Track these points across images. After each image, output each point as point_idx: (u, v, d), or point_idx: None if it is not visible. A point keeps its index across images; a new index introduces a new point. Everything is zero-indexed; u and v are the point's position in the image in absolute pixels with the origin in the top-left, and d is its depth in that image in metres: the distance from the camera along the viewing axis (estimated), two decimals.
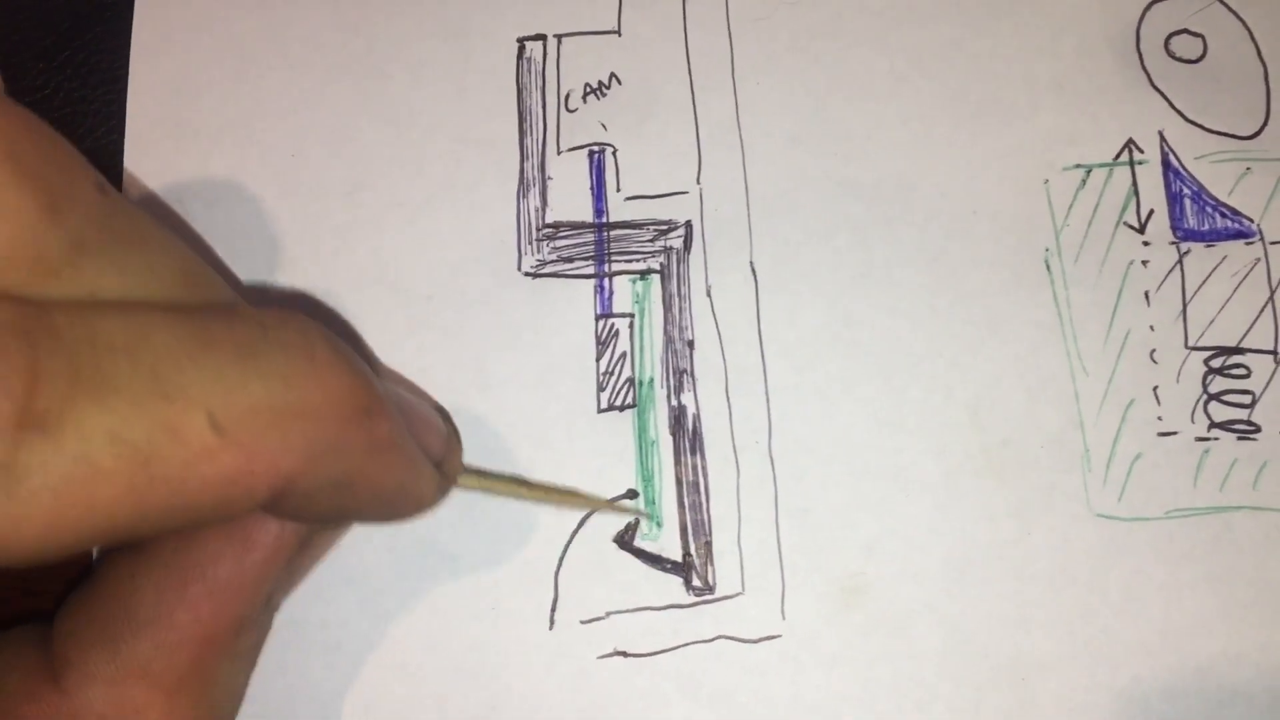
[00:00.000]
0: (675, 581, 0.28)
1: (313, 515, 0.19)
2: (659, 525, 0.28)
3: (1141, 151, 0.30)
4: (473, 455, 0.28)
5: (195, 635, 0.20)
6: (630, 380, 0.29)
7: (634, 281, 0.29)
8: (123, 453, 0.15)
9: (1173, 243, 0.29)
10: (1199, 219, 0.29)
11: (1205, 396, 0.28)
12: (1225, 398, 0.28)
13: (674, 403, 0.28)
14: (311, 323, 0.18)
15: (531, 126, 0.30)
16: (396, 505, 0.21)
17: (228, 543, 0.21)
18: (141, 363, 0.15)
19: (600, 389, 0.29)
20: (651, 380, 0.29)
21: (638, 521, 0.28)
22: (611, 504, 0.28)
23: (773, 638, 0.27)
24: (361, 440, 0.18)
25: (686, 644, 0.27)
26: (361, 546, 0.28)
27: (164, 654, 0.20)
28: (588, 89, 0.30)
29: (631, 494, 0.28)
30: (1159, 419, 0.28)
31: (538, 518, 0.28)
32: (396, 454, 0.20)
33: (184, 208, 0.30)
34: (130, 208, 0.18)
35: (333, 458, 0.18)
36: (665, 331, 0.29)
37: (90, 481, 0.15)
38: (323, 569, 0.27)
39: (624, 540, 0.28)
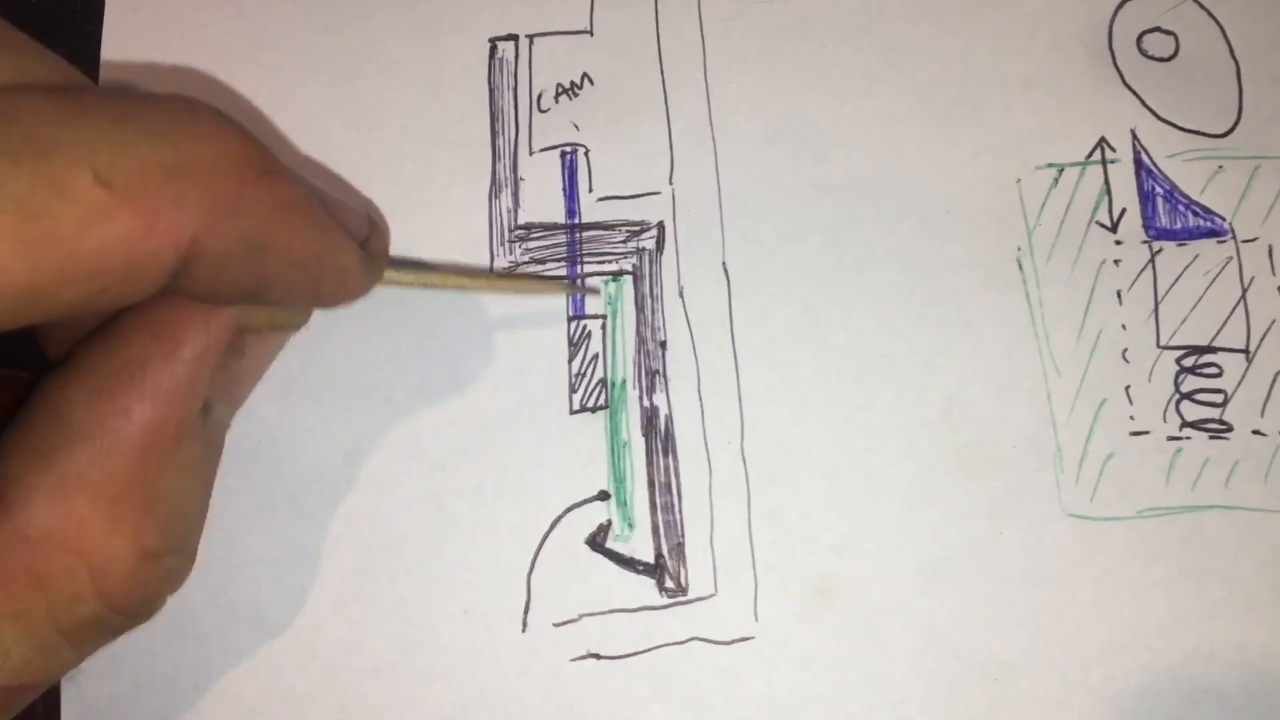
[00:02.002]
0: (648, 583, 0.28)
1: (230, 288, 0.19)
2: (631, 525, 0.28)
3: (1114, 150, 0.30)
4: (447, 456, 0.28)
5: (132, 442, 0.20)
6: (602, 381, 0.29)
7: (607, 283, 0.29)
8: (6, 205, 0.15)
9: (1145, 241, 0.29)
10: (1171, 218, 0.29)
11: (1177, 395, 0.28)
12: (1197, 397, 0.28)
13: (646, 404, 0.28)
14: (196, 98, 0.18)
15: (504, 127, 0.30)
16: (319, 278, 0.21)
17: (154, 342, 0.20)
18: (14, 126, 0.16)
19: (572, 390, 0.28)
20: (624, 381, 0.29)
21: (610, 523, 0.28)
22: (561, 284, 0.28)
23: (745, 639, 0.27)
24: (262, 198, 0.18)
25: (659, 646, 0.27)
26: (333, 548, 0.28)
27: (102, 462, 0.20)
28: (560, 89, 0.30)
29: (603, 495, 0.28)
30: (1131, 418, 0.28)
31: (510, 520, 0.28)
32: (305, 216, 0.20)
33: None
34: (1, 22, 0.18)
35: (235, 216, 0.18)
36: (638, 332, 0.29)
37: None
38: (296, 571, 0.27)
39: (596, 542, 0.28)
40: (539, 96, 0.30)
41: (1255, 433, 0.28)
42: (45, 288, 0.16)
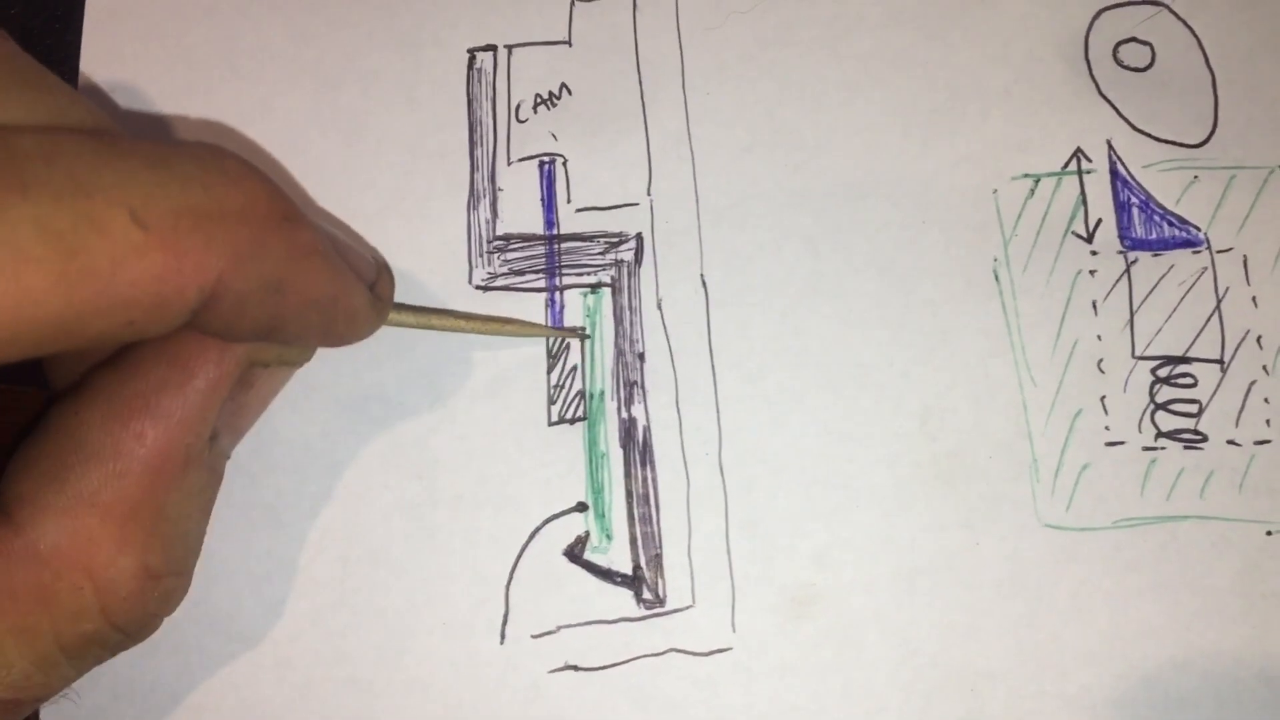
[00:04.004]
0: (626, 595, 0.28)
1: (248, 326, 0.20)
2: (609, 537, 0.28)
3: (1089, 160, 0.30)
4: (426, 468, 0.28)
5: (143, 465, 0.21)
6: (581, 393, 0.29)
7: (585, 295, 0.29)
8: (49, 240, 0.16)
9: (1120, 252, 0.29)
10: (1146, 228, 0.29)
11: (1152, 406, 0.28)
12: (1172, 407, 0.28)
13: (624, 415, 0.28)
14: (223, 147, 0.19)
15: (482, 137, 0.30)
16: (331, 319, 0.22)
17: (169, 371, 0.21)
18: (57, 166, 0.16)
19: (551, 402, 0.28)
20: (602, 393, 0.29)
21: (588, 534, 0.28)
22: (551, 329, 0.28)
23: (723, 650, 0.27)
24: (284, 243, 0.19)
25: (637, 657, 0.27)
26: (311, 559, 0.28)
27: (113, 483, 0.20)
28: (538, 99, 0.30)
29: (581, 507, 0.28)
30: (1106, 429, 0.28)
31: (489, 531, 0.28)
32: (322, 261, 0.21)
33: None
34: (38, 64, 0.19)
35: (258, 259, 0.19)
36: (616, 344, 0.29)
37: (21, 268, 0.16)
38: (274, 582, 0.27)
39: (574, 554, 0.28)
40: (517, 107, 0.30)
41: (1230, 443, 0.28)
42: (78, 319, 0.17)
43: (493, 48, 0.31)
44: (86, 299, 0.16)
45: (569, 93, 0.30)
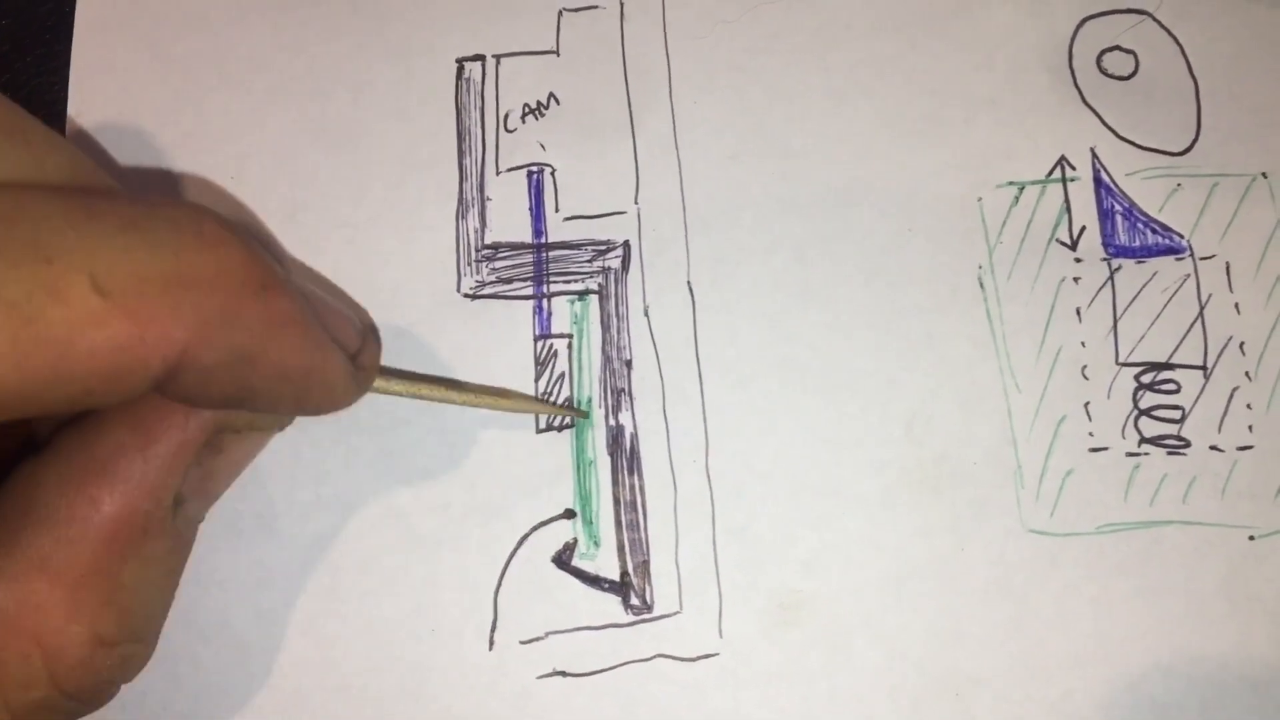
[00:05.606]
0: (614, 601, 0.28)
1: (215, 396, 0.19)
2: (596, 543, 0.28)
3: (1074, 168, 0.30)
4: (414, 475, 0.28)
5: (97, 530, 0.20)
6: (569, 400, 0.29)
7: (572, 302, 0.29)
8: (3, 308, 0.15)
9: (1104, 259, 0.29)
10: (1130, 235, 0.29)
11: (1136, 412, 0.28)
12: (1155, 413, 0.28)
13: (612, 422, 0.29)
14: (203, 206, 0.19)
15: (471, 147, 0.30)
16: (306, 391, 0.21)
17: (130, 435, 0.20)
18: (18, 228, 0.16)
19: None
20: (590, 400, 0.29)
21: (576, 541, 0.28)
22: (545, 405, 0.28)
23: (710, 656, 0.27)
24: (258, 313, 0.18)
25: (625, 663, 0.27)
26: (301, 568, 0.28)
27: (64, 548, 0.20)
28: (526, 109, 0.31)
29: (569, 514, 0.28)
30: (1090, 435, 0.28)
31: (477, 538, 0.28)
32: (299, 331, 0.20)
33: None
34: (10, 104, 0.18)
35: (228, 329, 0.18)
36: (603, 351, 0.29)
37: None
38: (264, 591, 0.28)
39: (562, 560, 0.28)
40: (506, 116, 0.31)
41: (1212, 448, 0.28)
42: (31, 388, 0.16)
43: (481, 58, 0.31)
44: (40, 368, 0.16)
45: (557, 102, 0.31)
